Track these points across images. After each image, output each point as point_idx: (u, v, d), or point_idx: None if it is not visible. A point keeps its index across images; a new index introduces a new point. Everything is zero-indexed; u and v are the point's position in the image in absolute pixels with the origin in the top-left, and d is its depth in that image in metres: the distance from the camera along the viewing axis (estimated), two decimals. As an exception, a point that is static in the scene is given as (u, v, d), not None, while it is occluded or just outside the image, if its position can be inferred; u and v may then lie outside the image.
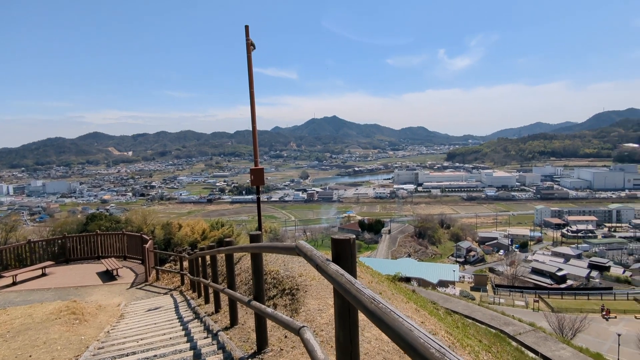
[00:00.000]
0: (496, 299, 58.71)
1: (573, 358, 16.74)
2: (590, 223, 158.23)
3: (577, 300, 57.41)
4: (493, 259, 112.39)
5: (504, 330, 19.14)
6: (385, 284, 9.47)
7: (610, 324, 47.36)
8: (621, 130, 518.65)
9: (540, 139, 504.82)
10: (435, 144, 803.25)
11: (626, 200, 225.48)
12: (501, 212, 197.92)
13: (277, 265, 8.77)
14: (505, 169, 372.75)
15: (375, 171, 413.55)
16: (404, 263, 78.20)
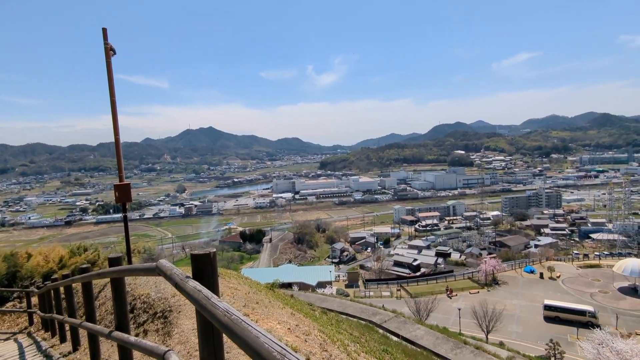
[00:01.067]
0: (367, 292, 62.82)
1: (426, 335, 18.77)
2: (435, 218, 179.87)
3: (428, 284, 64.62)
4: (363, 257, 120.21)
5: (372, 320, 20.56)
6: (264, 292, 9.35)
7: (453, 301, 54.33)
8: (452, 140, 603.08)
9: (394, 148, 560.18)
10: (309, 153, 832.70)
11: (458, 197, 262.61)
12: (367, 214, 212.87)
13: (148, 287, 7.99)
14: (369, 175, 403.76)
15: (255, 181, 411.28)
16: (285, 269, 78.98)
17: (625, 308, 50.41)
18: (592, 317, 44.92)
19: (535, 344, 40.55)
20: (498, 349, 25.21)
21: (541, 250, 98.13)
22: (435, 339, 18.60)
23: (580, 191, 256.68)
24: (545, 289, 57.93)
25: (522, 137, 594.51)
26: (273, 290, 11.33)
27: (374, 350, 9.73)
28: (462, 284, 63.23)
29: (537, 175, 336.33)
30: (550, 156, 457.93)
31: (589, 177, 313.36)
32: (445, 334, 19.75)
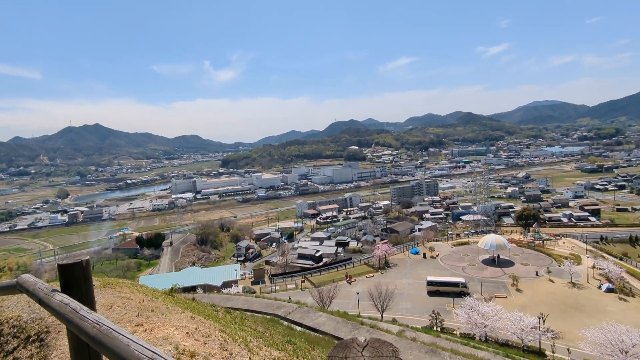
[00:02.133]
0: (273, 287, 62.90)
1: (327, 321, 19.56)
2: (334, 210, 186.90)
3: (330, 273, 67.06)
4: (268, 253, 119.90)
5: (277, 314, 20.73)
6: (161, 299, 8.84)
7: (353, 286, 57.22)
8: (347, 136, 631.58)
9: (295, 144, 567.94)
10: (210, 151, 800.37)
11: (354, 189, 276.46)
12: (271, 210, 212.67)
13: (19, 308, 6.93)
14: (272, 172, 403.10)
15: (151, 182, 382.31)
16: (188, 273, 75.20)
17: (487, 276, 58.15)
18: (464, 287, 50.96)
19: (421, 316, 44.60)
20: (391, 325, 27.16)
21: (423, 233, 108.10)
22: (336, 323, 19.45)
23: (453, 180, 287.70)
24: (427, 267, 64.01)
25: (405, 133, 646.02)
26: (172, 295, 10.76)
27: (277, 342, 9.83)
28: (359, 270, 66.76)
29: (418, 167, 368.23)
30: (428, 150, 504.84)
31: (459, 167, 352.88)
32: (344, 318, 20.74)
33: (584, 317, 42.80)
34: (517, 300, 49.13)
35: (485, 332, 37.61)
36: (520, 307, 43.46)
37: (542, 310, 42.23)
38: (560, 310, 45.92)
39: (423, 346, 17.51)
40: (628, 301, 48.17)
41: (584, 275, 55.94)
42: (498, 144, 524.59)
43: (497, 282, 56.02)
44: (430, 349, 17.14)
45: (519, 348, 36.16)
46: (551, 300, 49.04)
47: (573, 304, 47.70)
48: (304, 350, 9.59)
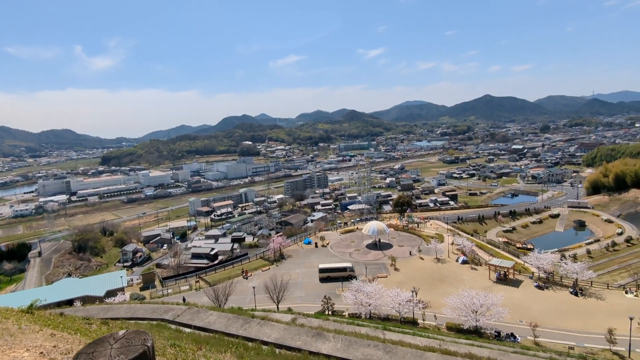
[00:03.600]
0: (165, 291, 59.16)
1: (218, 319, 19.34)
2: (229, 206, 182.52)
3: (226, 270, 65.74)
4: (159, 255, 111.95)
5: (164, 318, 19.72)
6: (12, 319, 7.86)
7: (249, 281, 57.03)
8: (240, 131, 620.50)
9: (186, 139, 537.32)
10: (86, 147, 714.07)
11: (249, 184, 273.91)
12: (161, 209, 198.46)
13: None
14: (160, 169, 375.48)
15: (11, 184, 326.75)
16: (63, 285, 66.33)
17: (370, 259, 63.03)
18: (351, 271, 54.49)
19: (314, 302, 46.40)
20: (284, 314, 27.85)
21: (315, 224, 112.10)
22: (227, 320, 19.30)
23: (340, 173, 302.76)
24: (319, 256, 66.73)
25: (297, 129, 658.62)
26: (32, 313, 9.61)
27: (160, 347, 9.50)
28: (256, 264, 66.61)
29: (310, 161, 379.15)
30: (318, 145, 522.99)
31: (346, 160, 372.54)
32: (236, 314, 20.67)
33: (447, 287, 49.13)
34: (395, 278, 54.18)
35: (370, 310, 40.78)
36: (397, 284, 48.05)
37: (415, 284, 47.27)
38: (429, 283, 51.98)
39: (310, 331, 18.42)
40: (477, 269, 56.74)
41: (446, 251, 64.08)
42: (378, 139, 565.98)
43: (379, 263, 61.01)
44: (317, 332, 18.12)
45: (397, 320, 40.01)
46: (422, 275, 55.20)
47: (438, 276, 54.39)
48: (187, 351, 9.47)
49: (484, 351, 21.40)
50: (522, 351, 24.22)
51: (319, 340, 17.48)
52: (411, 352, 16.62)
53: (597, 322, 38.19)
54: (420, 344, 19.82)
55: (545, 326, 37.74)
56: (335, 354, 16.13)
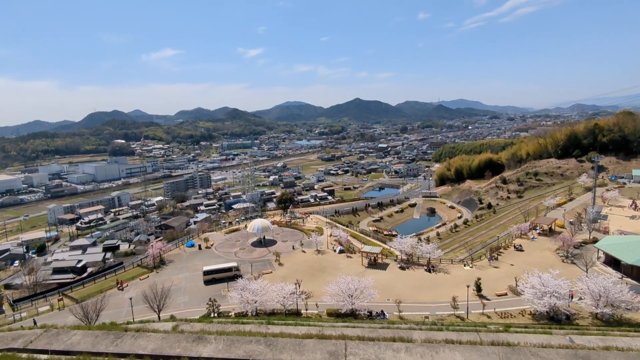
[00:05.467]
0: (17, 315, 49.97)
1: (83, 339, 17.52)
2: (99, 212, 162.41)
3: (97, 283, 58.40)
4: (8, 274, 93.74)
5: (12, 347, 16.97)
6: None
7: (125, 292, 51.95)
8: (111, 129, 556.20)
9: (42, 137, 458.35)
10: None
11: (123, 187, 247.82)
12: (10, 220, 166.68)
13: None
14: (8, 172, 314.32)
15: None
16: None
17: (256, 257, 63.31)
18: (237, 271, 53.88)
19: (199, 306, 44.65)
20: (165, 323, 26.37)
21: (199, 225, 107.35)
22: (95, 338, 17.60)
23: (224, 172, 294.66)
24: (203, 258, 64.25)
25: (176, 127, 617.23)
26: None
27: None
28: (132, 273, 60.81)
29: (191, 161, 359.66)
30: (200, 143, 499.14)
31: (229, 159, 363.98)
32: (106, 329, 18.97)
33: (326, 276, 52.19)
34: (280, 272, 55.42)
35: (256, 307, 41.00)
36: (282, 278, 49.26)
37: (298, 277, 49.17)
38: (311, 274, 54.54)
39: (191, 336, 18.04)
40: (352, 257, 61.55)
41: (325, 243, 67.95)
42: (261, 138, 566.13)
43: (264, 260, 61.58)
44: (198, 336, 17.83)
45: (282, 313, 41.10)
46: (304, 267, 57.56)
47: (319, 267, 57.43)
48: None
49: (357, 330, 23.63)
50: (387, 326, 27.38)
51: (200, 344, 17.25)
52: (291, 342, 17.59)
53: (445, 293, 45.04)
54: (300, 333, 20.99)
55: (407, 301, 43.08)
56: (217, 355, 16.15)
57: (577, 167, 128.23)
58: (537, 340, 19.88)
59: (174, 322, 27.51)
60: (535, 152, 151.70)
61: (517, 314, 39.34)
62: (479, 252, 66.82)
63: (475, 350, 16.11)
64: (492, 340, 18.24)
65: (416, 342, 18.00)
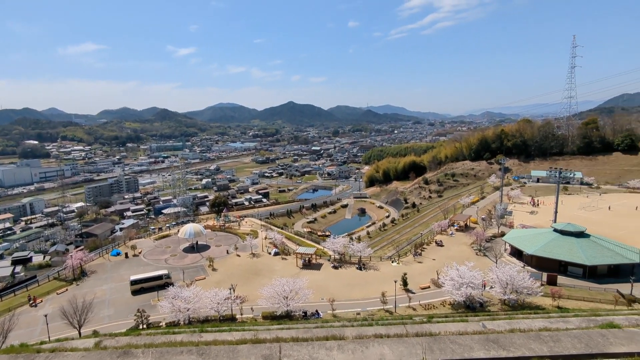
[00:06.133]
0: None
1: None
2: (7, 221, 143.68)
3: (4, 301, 51.32)
4: None
5: None
6: None
7: (39, 308, 46.50)
8: (21, 128, 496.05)
9: None
10: None
11: (36, 192, 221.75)
12: None
13: None
14: None
15: None
16: None
17: (188, 263, 60.51)
18: (167, 278, 50.92)
19: (127, 319, 41.48)
20: (86, 340, 24.07)
21: (125, 232, 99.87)
22: (2, 365, 15.52)
23: (153, 175, 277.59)
24: (130, 267, 59.81)
25: (99, 127, 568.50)
26: None
27: None
28: (48, 287, 54.50)
29: (116, 164, 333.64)
30: (126, 145, 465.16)
31: (158, 162, 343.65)
32: (14, 352, 16.82)
33: (262, 279, 51.54)
34: (214, 278, 53.53)
35: (189, 315, 39.15)
36: (216, 284, 47.68)
37: (232, 282, 47.92)
38: (246, 277, 53.45)
39: (116, 351, 16.71)
40: (287, 259, 61.52)
41: (260, 246, 67.10)
42: (193, 140, 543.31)
43: (197, 266, 59.03)
44: (124, 351, 16.58)
45: (216, 320, 39.71)
46: (239, 271, 56.24)
47: (254, 270, 56.50)
48: None
49: (291, 332, 23.62)
50: (321, 325, 27.77)
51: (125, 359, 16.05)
52: (224, 349, 17.06)
53: (375, 289, 46.84)
54: (234, 339, 20.45)
55: (340, 299, 44.08)
56: (147, 371, 15.16)
57: (488, 169, 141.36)
58: (456, 328, 21.51)
59: (97, 338, 25.23)
60: (452, 155, 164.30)
61: (439, 304, 42.24)
62: (405, 248, 70.58)
63: (402, 342, 16.91)
64: (417, 332, 19.36)
65: (348, 339, 18.47)
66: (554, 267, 49.72)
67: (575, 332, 14.42)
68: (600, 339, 13.01)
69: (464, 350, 12.64)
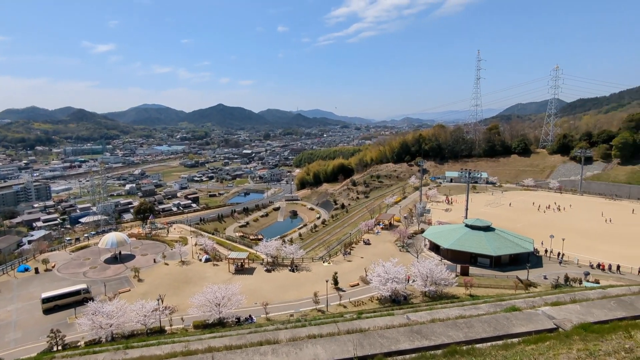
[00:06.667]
0: None
1: None
2: None
3: None
4: None
5: None
6: None
7: None
8: None
9: None
10: None
11: None
12: None
13: None
14: None
15: None
16: None
17: (110, 275, 55.56)
18: (87, 293, 46.17)
19: (38, 341, 36.90)
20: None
21: (35, 245, 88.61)
22: None
23: (68, 181, 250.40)
24: (42, 283, 53.22)
25: (3, 129, 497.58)
26: None
27: None
28: None
29: (23, 169, 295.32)
30: (35, 148, 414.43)
31: (74, 167, 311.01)
32: None
33: (192, 287, 49.12)
34: (140, 289, 49.79)
35: (112, 331, 35.96)
36: (142, 296, 44.39)
37: (160, 292, 45.02)
38: (175, 287, 50.56)
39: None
40: (219, 265, 59.47)
41: (190, 253, 63.98)
42: (114, 143, 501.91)
43: (121, 277, 54.44)
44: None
45: (143, 333, 36.98)
46: (168, 281, 53.01)
47: (184, 279, 53.68)
48: None
49: (224, 340, 22.75)
50: (255, 330, 27.25)
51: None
52: (154, 367, 15.98)
53: (308, 289, 47.30)
54: (163, 353, 19.24)
55: (273, 302, 43.73)
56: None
57: (408, 170, 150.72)
58: (383, 322, 22.55)
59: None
60: (377, 157, 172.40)
61: (368, 300, 43.98)
62: (335, 248, 72.40)
63: (334, 341, 17.24)
64: (348, 329, 19.92)
65: (282, 342, 18.38)
66: (466, 259, 54.61)
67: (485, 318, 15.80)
68: (505, 322, 14.37)
69: (391, 343, 13.29)
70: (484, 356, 9.38)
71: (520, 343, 11.49)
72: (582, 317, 13.87)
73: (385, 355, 13.31)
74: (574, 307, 15.52)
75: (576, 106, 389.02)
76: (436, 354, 12.11)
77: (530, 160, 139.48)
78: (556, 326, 13.66)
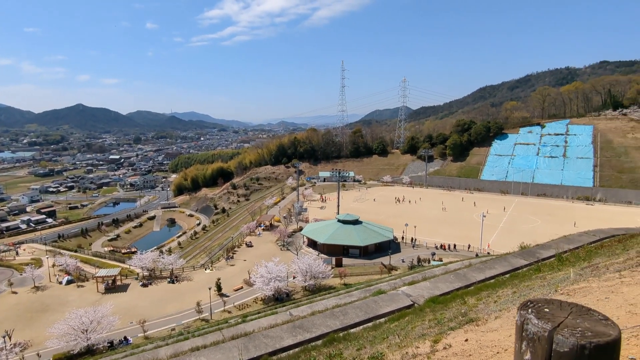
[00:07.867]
0: None
1: None
2: None
3: None
4: None
5: None
6: None
7: None
8: None
9: None
10: None
11: None
12: None
13: None
14: None
15: None
16: None
17: None
18: None
19: None
20: None
21: None
22: None
23: None
24: None
25: None
26: None
27: None
28: None
29: None
30: None
31: None
32: None
33: (50, 316, 41.44)
34: (-26, 329, 39.60)
35: None
36: (-22, 337, 35.43)
37: (7, 327, 36.78)
38: (27, 318, 41.90)
39: None
40: (84, 286, 51.47)
41: (46, 276, 53.68)
42: None
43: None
44: None
45: (-19, 382, 29.69)
46: (17, 312, 43.55)
47: (39, 307, 44.80)
48: None
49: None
50: (131, 352, 24.67)
51: None
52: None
53: (190, 300, 44.61)
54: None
55: (152, 319, 39.98)
56: None
57: (286, 172, 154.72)
58: (268, 322, 23.02)
59: None
60: (256, 160, 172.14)
61: (252, 302, 43.92)
62: (218, 254, 69.88)
63: (219, 349, 17.04)
64: (233, 335, 19.75)
65: (164, 360, 17.31)
66: (339, 252, 59.11)
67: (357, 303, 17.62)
68: (373, 305, 16.31)
69: (276, 342, 13.91)
70: (358, 339, 10.64)
71: (386, 322, 13.30)
72: (431, 292, 16.77)
73: (270, 355, 13.87)
74: (425, 284, 18.62)
75: (420, 113, 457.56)
76: (317, 344, 13.16)
77: (388, 160, 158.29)
78: (412, 302, 16.24)
